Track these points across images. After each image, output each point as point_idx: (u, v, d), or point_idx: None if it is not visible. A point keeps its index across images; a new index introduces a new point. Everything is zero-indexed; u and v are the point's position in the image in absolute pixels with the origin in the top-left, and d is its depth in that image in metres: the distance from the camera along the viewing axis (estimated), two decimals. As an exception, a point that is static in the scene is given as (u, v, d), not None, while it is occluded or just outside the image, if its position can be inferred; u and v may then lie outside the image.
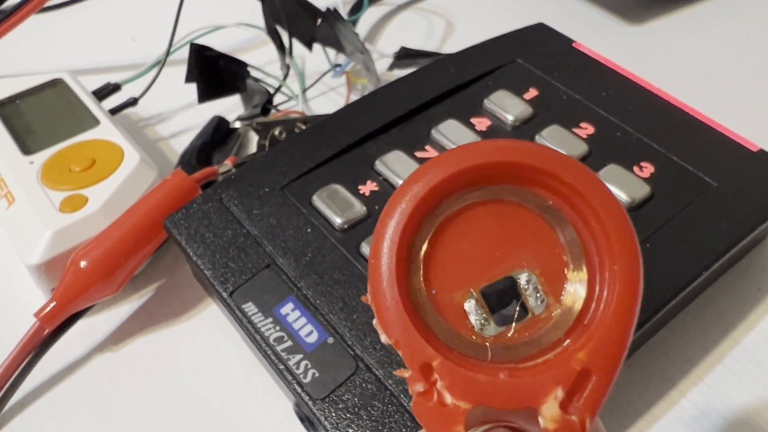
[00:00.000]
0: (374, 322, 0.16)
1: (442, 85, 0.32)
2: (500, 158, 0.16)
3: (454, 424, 0.15)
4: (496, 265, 0.16)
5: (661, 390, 0.26)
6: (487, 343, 0.16)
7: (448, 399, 0.15)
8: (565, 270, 0.16)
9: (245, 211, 0.28)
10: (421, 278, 0.16)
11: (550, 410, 0.15)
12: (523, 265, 0.16)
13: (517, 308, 0.16)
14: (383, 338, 0.16)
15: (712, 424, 0.25)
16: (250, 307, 0.26)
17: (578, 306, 0.16)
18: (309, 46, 0.40)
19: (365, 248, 0.26)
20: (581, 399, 0.15)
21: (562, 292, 0.16)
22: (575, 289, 0.16)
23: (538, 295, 0.16)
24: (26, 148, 0.34)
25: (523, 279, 0.16)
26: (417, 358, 0.15)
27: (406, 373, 0.16)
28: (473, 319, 0.16)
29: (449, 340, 0.16)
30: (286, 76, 0.40)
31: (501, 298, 0.16)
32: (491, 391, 0.15)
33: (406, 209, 0.16)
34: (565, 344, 0.15)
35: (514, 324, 0.16)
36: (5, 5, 0.43)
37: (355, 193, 0.28)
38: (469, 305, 0.16)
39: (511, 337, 0.16)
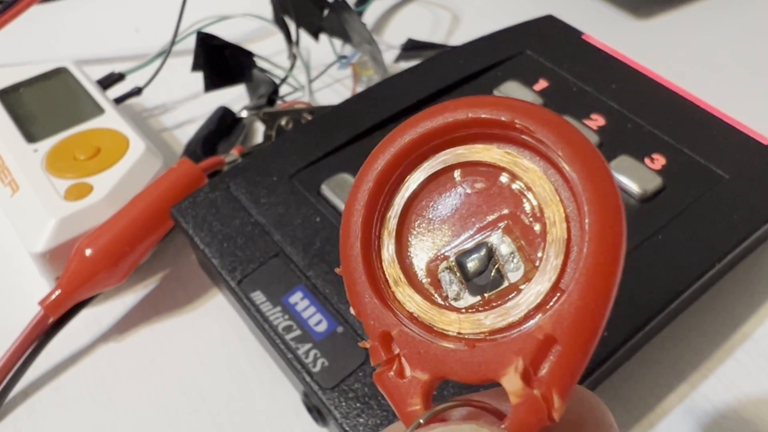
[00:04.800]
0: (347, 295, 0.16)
1: (451, 75, 0.32)
2: (461, 116, 0.15)
3: (411, 396, 0.14)
4: (471, 231, 0.15)
5: (671, 383, 0.26)
6: (458, 314, 0.15)
7: (408, 371, 0.14)
8: (544, 233, 0.14)
9: (253, 200, 0.28)
10: (394, 248, 0.15)
11: (511, 383, 0.13)
12: (499, 229, 0.15)
13: (492, 275, 0.15)
14: (351, 309, 0.15)
15: (723, 417, 0.25)
16: (258, 296, 0.25)
17: (556, 271, 0.14)
18: (316, 36, 0.40)
19: (375, 238, 0.26)
20: (546, 371, 0.13)
21: (540, 257, 0.14)
22: (554, 253, 0.14)
23: (514, 261, 0.14)
24: (30, 136, 0.34)
25: (498, 244, 0.15)
26: (377, 326, 0.15)
27: (368, 344, 0.15)
28: (447, 288, 0.15)
29: (418, 311, 0.15)
30: (292, 67, 0.40)
31: (476, 265, 0.15)
32: (449, 363, 0.14)
33: (373, 180, 0.15)
34: (539, 314, 0.14)
35: (488, 293, 0.14)
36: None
37: (364, 182, 0.28)
38: (443, 274, 0.15)
39: (485, 306, 0.14)
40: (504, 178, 0.15)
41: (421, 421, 0.14)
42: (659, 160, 0.28)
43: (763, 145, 0.28)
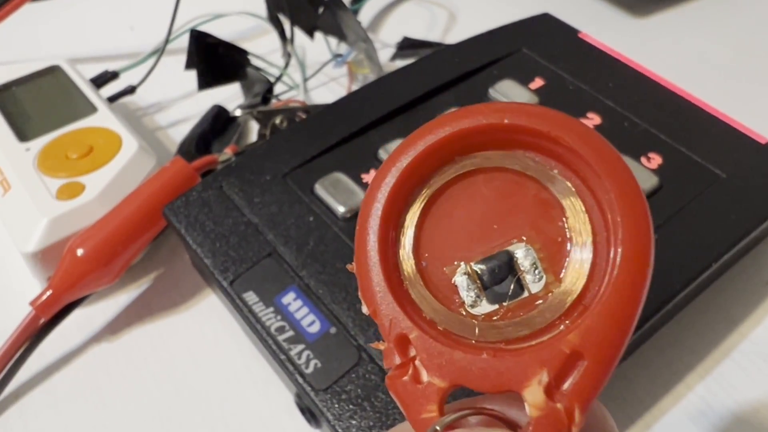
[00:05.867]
0: (359, 293, 0.15)
1: (447, 73, 0.32)
2: (496, 120, 0.15)
3: (427, 403, 0.14)
4: (492, 238, 0.15)
5: (668, 383, 0.26)
6: (475, 321, 0.14)
7: (424, 376, 0.14)
8: (569, 246, 0.14)
9: (246, 199, 0.28)
10: (411, 249, 0.15)
11: (533, 395, 0.13)
12: (522, 238, 0.14)
13: (512, 285, 0.14)
14: (364, 309, 0.15)
15: (720, 417, 0.25)
16: (250, 297, 0.25)
17: (579, 285, 0.14)
18: (311, 34, 0.40)
19: (368, 237, 0.26)
20: (570, 386, 0.13)
21: (563, 270, 0.14)
22: (578, 267, 0.14)
23: (536, 272, 0.14)
24: (23, 135, 0.34)
25: (520, 254, 0.14)
26: (394, 328, 0.14)
27: (382, 346, 0.14)
28: (464, 294, 0.14)
29: (435, 316, 0.15)
30: (287, 65, 0.40)
31: (496, 273, 0.14)
32: (469, 370, 0.14)
33: (396, 176, 0.15)
34: (561, 327, 0.14)
35: (507, 302, 0.14)
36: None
37: (358, 181, 0.28)
38: (461, 280, 0.15)
39: (504, 315, 0.14)
40: (531, 188, 0.15)
41: (438, 428, 0.13)
42: (656, 159, 0.28)
43: (760, 143, 0.28)
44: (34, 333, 0.28)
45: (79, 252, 0.28)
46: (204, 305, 0.30)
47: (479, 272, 0.14)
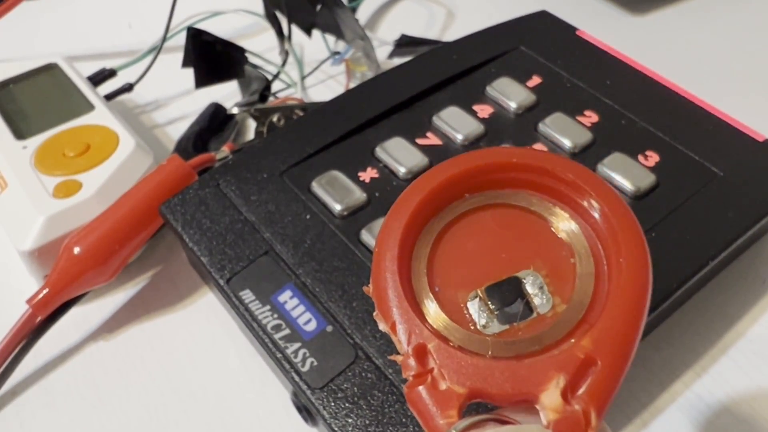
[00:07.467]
0: (375, 314, 0.16)
1: (444, 71, 0.32)
2: (503, 159, 0.17)
3: (447, 409, 0.14)
4: (501, 266, 0.16)
5: (664, 382, 0.26)
6: (488, 339, 0.15)
7: (443, 384, 0.14)
8: (573, 271, 0.16)
9: (243, 197, 0.28)
10: (425, 275, 0.16)
11: (550, 399, 0.14)
12: (529, 266, 0.16)
13: (521, 307, 0.16)
14: (381, 326, 0.16)
15: (717, 415, 0.25)
16: (247, 295, 0.25)
17: (585, 305, 0.15)
18: (308, 32, 0.40)
19: (365, 235, 0.26)
20: (585, 389, 0.14)
21: (569, 293, 0.16)
22: (583, 289, 0.16)
23: (543, 295, 0.16)
24: (19, 133, 0.33)
25: (528, 279, 0.16)
26: (413, 338, 0.15)
27: (399, 358, 0.15)
28: (476, 317, 0.16)
29: (449, 334, 0.16)
30: (284, 63, 0.40)
31: (505, 297, 0.16)
32: (488, 376, 0.14)
33: (412, 208, 0.16)
34: (570, 341, 0.15)
35: (517, 323, 0.15)
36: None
37: (355, 179, 0.28)
38: (472, 304, 0.16)
39: (515, 334, 0.15)
40: (535, 221, 0.17)
41: (454, 431, 0.14)
42: (653, 157, 0.28)
43: (758, 141, 0.28)
44: (31, 331, 0.28)
45: (76, 250, 0.28)
46: (201, 303, 0.30)
47: (490, 296, 0.16)
